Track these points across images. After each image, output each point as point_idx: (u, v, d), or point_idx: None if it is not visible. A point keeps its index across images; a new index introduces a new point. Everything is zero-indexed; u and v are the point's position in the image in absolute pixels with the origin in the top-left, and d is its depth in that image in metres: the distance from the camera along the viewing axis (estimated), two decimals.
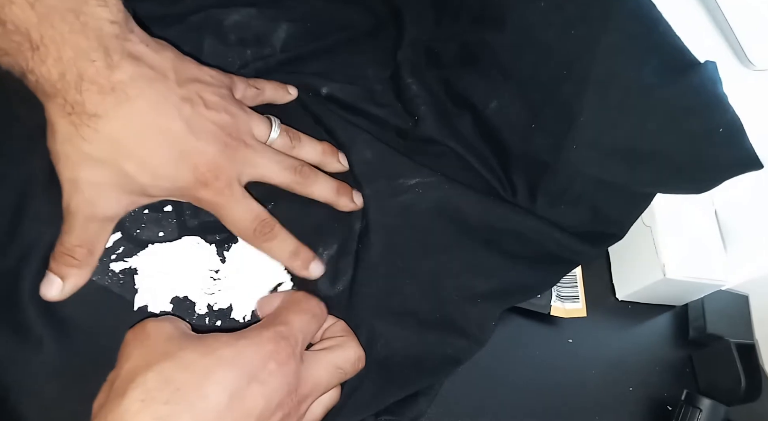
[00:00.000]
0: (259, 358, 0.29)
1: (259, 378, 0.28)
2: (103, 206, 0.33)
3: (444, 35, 0.45)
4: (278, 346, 0.30)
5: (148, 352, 0.28)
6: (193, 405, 0.26)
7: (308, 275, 0.37)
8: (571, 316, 0.47)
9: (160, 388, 0.26)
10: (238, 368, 0.28)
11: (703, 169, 0.38)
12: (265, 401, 0.28)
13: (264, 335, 0.30)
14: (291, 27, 0.45)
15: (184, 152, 0.33)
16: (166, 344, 0.28)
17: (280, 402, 0.29)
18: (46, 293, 0.32)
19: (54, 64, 0.29)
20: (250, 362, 0.28)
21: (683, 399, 0.46)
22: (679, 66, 0.37)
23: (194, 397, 0.27)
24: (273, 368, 0.29)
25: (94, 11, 0.30)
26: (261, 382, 0.28)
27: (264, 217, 0.35)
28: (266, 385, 0.28)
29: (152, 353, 0.28)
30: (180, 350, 0.28)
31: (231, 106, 0.35)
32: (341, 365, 0.33)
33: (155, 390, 0.26)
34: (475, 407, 0.43)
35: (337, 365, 0.33)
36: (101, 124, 0.30)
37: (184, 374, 0.27)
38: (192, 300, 0.35)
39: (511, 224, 0.40)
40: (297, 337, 0.31)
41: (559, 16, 0.38)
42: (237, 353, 0.28)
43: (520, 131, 0.41)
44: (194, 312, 0.35)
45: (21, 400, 0.32)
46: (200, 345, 0.28)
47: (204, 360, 0.28)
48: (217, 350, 0.28)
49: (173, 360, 0.27)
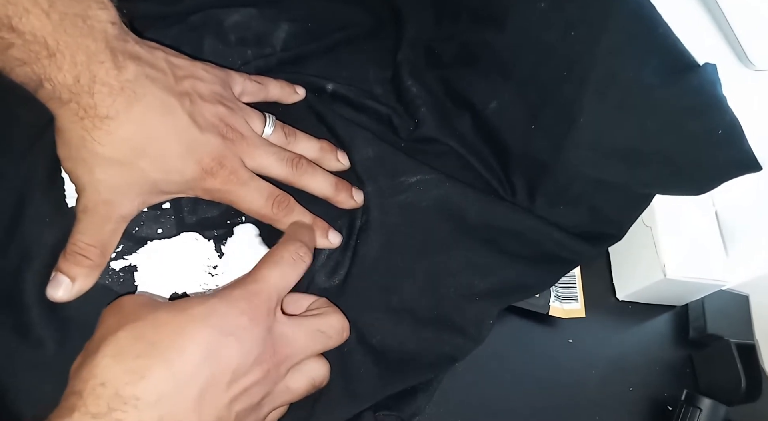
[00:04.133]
0: (231, 314, 0.29)
1: (234, 334, 0.28)
2: (118, 206, 0.33)
3: (444, 35, 0.45)
4: (250, 303, 0.30)
5: (122, 316, 0.28)
6: (167, 359, 0.27)
7: (329, 245, 0.38)
8: (570, 316, 0.47)
9: (132, 344, 0.27)
10: (210, 325, 0.28)
11: (702, 170, 0.38)
12: (240, 356, 0.28)
13: (235, 293, 0.30)
14: (291, 27, 0.45)
15: (190, 145, 0.33)
16: (139, 309, 0.29)
17: (257, 358, 0.29)
18: (53, 294, 0.32)
19: (69, 70, 0.29)
20: (223, 318, 0.29)
21: (683, 399, 0.46)
22: (679, 67, 0.37)
23: (169, 352, 0.27)
24: (246, 324, 0.29)
25: (98, 14, 0.30)
26: (235, 337, 0.28)
27: (277, 193, 0.36)
28: (241, 341, 0.28)
29: (125, 316, 0.28)
30: (153, 312, 0.28)
31: (226, 99, 0.36)
32: (325, 329, 0.33)
33: (127, 346, 0.27)
34: (474, 407, 0.43)
35: (320, 328, 0.33)
36: (113, 126, 0.31)
37: (156, 332, 0.27)
38: (190, 295, 0.36)
39: (510, 223, 0.40)
40: (270, 293, 0.31)
41: (559, 16, 0.38)
42: (209, 310, 0.29)
43: (520, 131, 0.41)
44: None
45: (20, 399, 0.32)
46: (172, 306, 0.29)
47: (177, 318, 0.28)
48: (189, 308, 0.29)
49: (146, 320, 0.28)
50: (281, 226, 0.37)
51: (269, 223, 0.37)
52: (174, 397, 0.26)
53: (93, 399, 0.25)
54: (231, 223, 0.38)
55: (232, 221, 0.38)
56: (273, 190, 0.36)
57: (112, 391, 0.26)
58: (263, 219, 0.37)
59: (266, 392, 0.30)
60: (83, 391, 0.26)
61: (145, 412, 0.26)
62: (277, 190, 0.37)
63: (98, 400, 0.25)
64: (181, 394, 0.27)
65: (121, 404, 0.25)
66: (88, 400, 0.25)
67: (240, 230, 0.38)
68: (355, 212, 0.39)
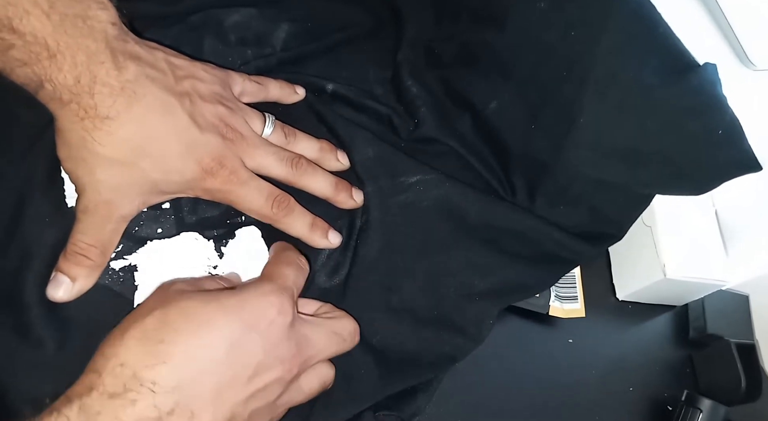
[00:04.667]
0: (261, 307, 0.29)
1: (259, 328, 0.29)
2: (119, 206, 0.33)
3: (444, 35, 0.45)
4: (281, 297, 0.30)
5: (156, 301, 0.29)
6: (190, 348, 0.27)
7: (329, 245, 0.38)
8: (570, 316, 0.47)
9: (158, 328, 0.27)
10: (239, 318, 0.28)
11: (702, 170, 0.38)
12: (264, 351, 0.29)
13: (266, 287, 0.31)
14: (291, 27, 0.45)
15: (190, 145, 0.33)
16: (173, 296, 0.29)
17: (280, 356, 0.29)
18: (53, 294, 0.32)
19: (69, 70, 0.29)
20: (252, 311, 0.29)
21: (683, 399, 0.46)
22: (679, 67, 0.37)
23: (193, 340, 0.27)
24: (274, 318, 0.29)
25: (97, 14, 0.30)
26: (260, 332, 0.29)
27: (277, 193, 0.36)
28: (267, 336, 0.29)
29: (158, 301, 0.29)
30: (185, 299, 0.29)
31: (226, 99, 0.36)
32: (340, 332, 0.33)
33: (152, 330, 0.27)
34: (474, 407, 0.43)
35: (336, 331, 0.33)
36: (114, 126, 0.31)
37: (185, 319, 0.28)
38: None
39: (511, 223, 0.40)
40: (293, 290, 0.32)
41: (559, 16, 0.38)
42: (240, 302, 0.29)
43: (520, 131, 0.41)
44: None
45: (20, 399, 0.32)
46: (205, 296, 0.29)
47: (206, 307, 0.28)
48: (221, 299, 0.29)
49: (177, 307, 0.28)
50: (281, 226, 0.37)
51: (269, 223, 0.37)
52: (192, 386, 0.27)
53: (111, 379, 0.26)
54: (231, 223, 0.38)
55: (232, 220, 0.38)
56: (273, 190, 0.36)
57: (130, 372, 0.26)
58: (263, 219, 0.37)
59: (282, 391, 0.30)
60: (103, 370, 0.26)
61: (160, 397, 0.26)
62: (277, 190, 0.37)
63: (116, 379, 0.26)
64: (200, 384, 0.27)
65: (137, 385, 0.26)
66: (107, 379, 0.26)
67: (242, 233, 0.38)
68: (355, 212, 0.39)
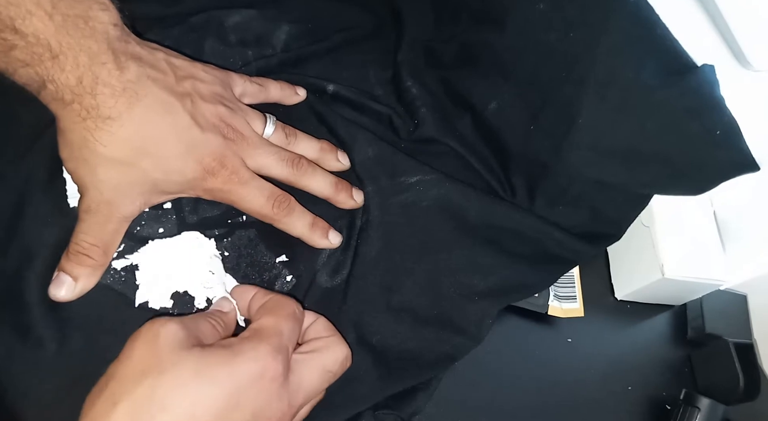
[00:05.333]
0: (253, 375, 0.28)
1: (250, 395, 0.28)
2: (120, 206, 0.33)
3: (444, 36, 0.45)
4: (275, 361, 0.29)
5: (150, 356, 0.27)
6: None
7: (329, 245, 0.38)
8: (569, 316, 0.47)
9: (148, 405, 0.26)
10: (229, 390, 0.27)
11: (700, 170, 0.38)
12: (253, 417, 0.28)
13: (261, 350, 0.29)
14: (291, 28, 0.45)
15: (191, 145, 0.33)
16: (168, 354, 0.28)
17: (270, 417, 0.28)
18: (56, 294, 0.32)
19: (71, 71, 0.29)
20: (244, 379, 0.28)
21: (682, 399, 0.46)
22: (678, 68, 0.37)
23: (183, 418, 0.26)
24: (267, 386, 0.28)
25: (99, 15, 0.30)
26: (252, 399, 0.28)
27: (278, 193, 0.36)
28: (256, 401, 0.28)
29: (152, 359, 0.27)
30: (177, 363, 0.27)
31: (226, 99, 0.36)
32: (330, 368, 0.32)
33: (142, 404, 0.26)
34: (474, 407, 0.43)
35: (327, 367, 0.32)
36: (115, 126, 0.31)
37: (174, 393, 0.26)
38: (191, 294, 0.36)
39: (510, 223, 0.40)
40: (288, 346, 0.31)
41: (559, 17, 0.38)
42: (231, 373, 0.28)
43: (520, 132, 0.41)
44: (194, 306, 0.35)
45: (20, 399, 0.32)
46: (198, 362, 0.28)
47: (197, 380, 0.27)
48: (213, 368, 0.28)
49: (167, 375, 0.27)
50: (282, 226, 0.37)
51: (270, 222, 0.37)
52: None
53: None
54: (232, 222, 0.38)
55: (233, 220, 0.38)
56: (274, 190, 0.36)
57: None
58: (264, 219, 0.37)
59: None
60: None
61: None
62: (278, 190, 0.37)
63: None
64: None
65: None
66: None
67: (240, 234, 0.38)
68: (356, 211, 0.40)
